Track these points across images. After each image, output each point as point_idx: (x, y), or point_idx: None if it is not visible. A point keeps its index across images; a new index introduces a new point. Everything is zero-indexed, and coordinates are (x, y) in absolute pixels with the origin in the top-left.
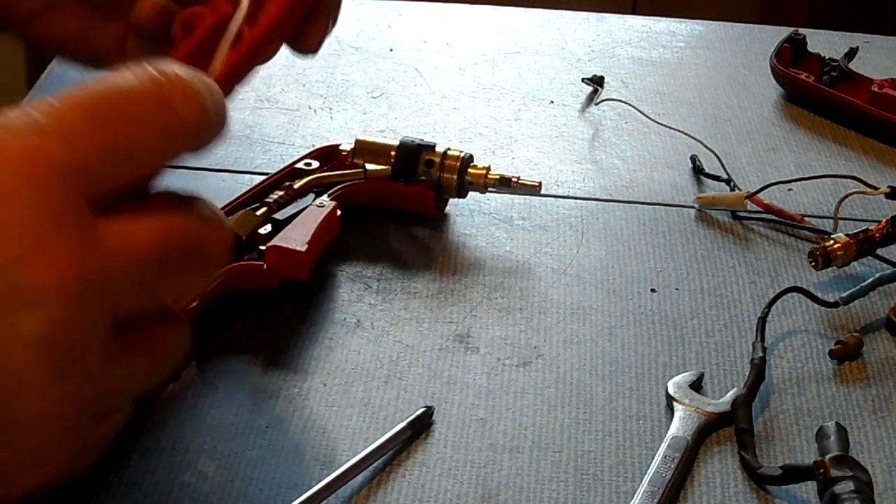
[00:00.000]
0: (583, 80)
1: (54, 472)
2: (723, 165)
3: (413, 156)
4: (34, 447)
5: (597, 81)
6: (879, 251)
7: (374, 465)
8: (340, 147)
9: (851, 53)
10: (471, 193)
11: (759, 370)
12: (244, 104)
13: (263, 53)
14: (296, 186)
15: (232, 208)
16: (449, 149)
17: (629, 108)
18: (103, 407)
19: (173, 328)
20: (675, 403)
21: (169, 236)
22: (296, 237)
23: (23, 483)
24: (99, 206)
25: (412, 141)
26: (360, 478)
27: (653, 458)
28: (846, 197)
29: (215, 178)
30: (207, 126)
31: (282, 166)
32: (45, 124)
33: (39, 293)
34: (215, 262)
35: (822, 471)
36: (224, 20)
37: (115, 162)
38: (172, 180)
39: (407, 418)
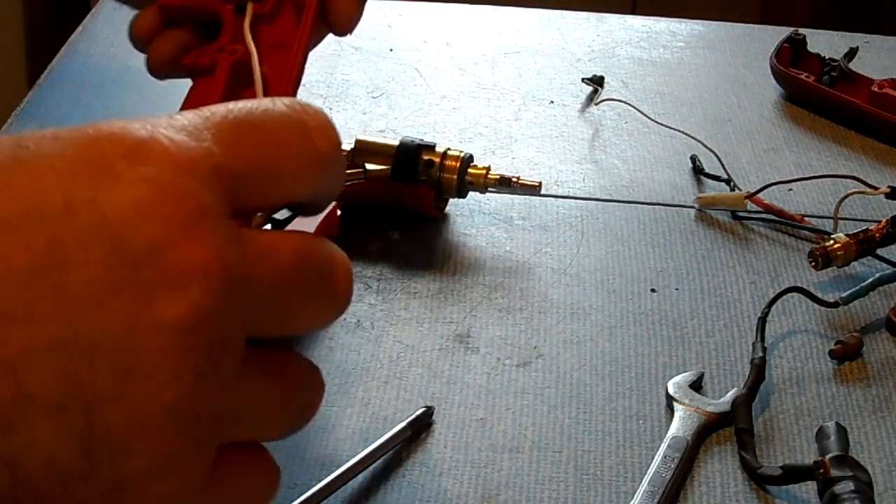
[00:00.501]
0: (583, 80)
1: (177, 487)
2: (723, 165)
3: (413, 156)
4: (158, 446)
5: (597, 81)
6: (879, 251)
7: (374, 465)
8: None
9: (851, 53)
10: (471, 193)
11: (759, 370)
12: None
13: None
14: None
15: None
16: (449, 149)
17: (629, 108)
18: (227, 435)
19: (307, 368)
20: (675, 403)
21: (305, 255)
22: None
23: (146, 494)
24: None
25: (412, 141)
26: (360, 478)
27: (653, 458)
28: (846, 197)
29: None
30: (337, 161)
31: None
32: (198, 126)
33: (185, 276)
34: (343, 293)
35: (822, 471)
36: (239, 59)
37: (260, 175)
38: None
39: (407, 418)
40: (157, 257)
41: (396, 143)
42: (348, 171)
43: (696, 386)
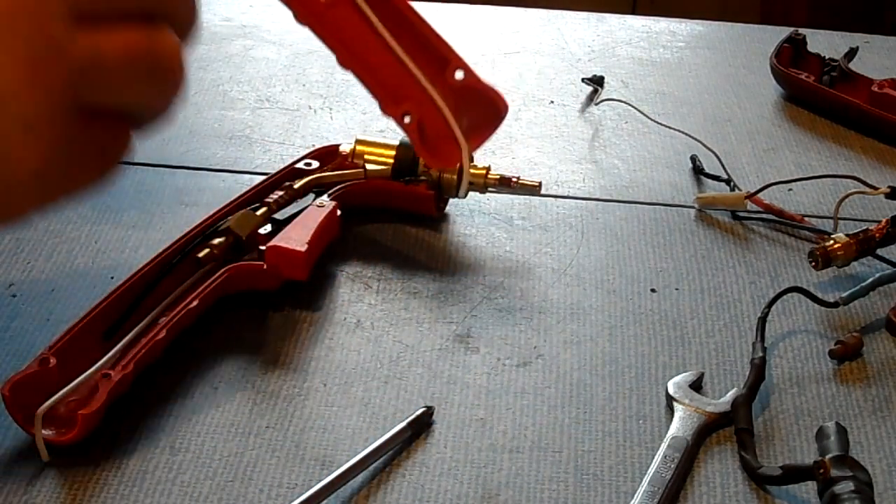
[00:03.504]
0: (583, 80)
1: (50, 145)
2: (723, 165)
3: (413, 156)
4: (19, 113)
5: (597, 81)
6: (879, 251)
7: (374, 465)
8: (340, 147)
9: (851, 53)
10: (471, 193)
11: (759, 370)
12: (244, 104)
13: None
14: (296, 186)
15: (232, 208)
16: None
17: (629, 108)
18: (84, 94)
19: (160, 36)
20: (675, 403)
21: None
22: (296, 237)
23: (25, 154)
24: None
25: None
26: (360, 478)
27: (653, 458)
28: (846, 197)
29: (215, 177)
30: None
31: (282, 166)
32: None
33: None
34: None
35: (822, 471)
36: None
37: None
38: (175, 181)
39: (407, 418)
40: None
41: (396, 143)
42: (348, 172)
43: (696, 386)
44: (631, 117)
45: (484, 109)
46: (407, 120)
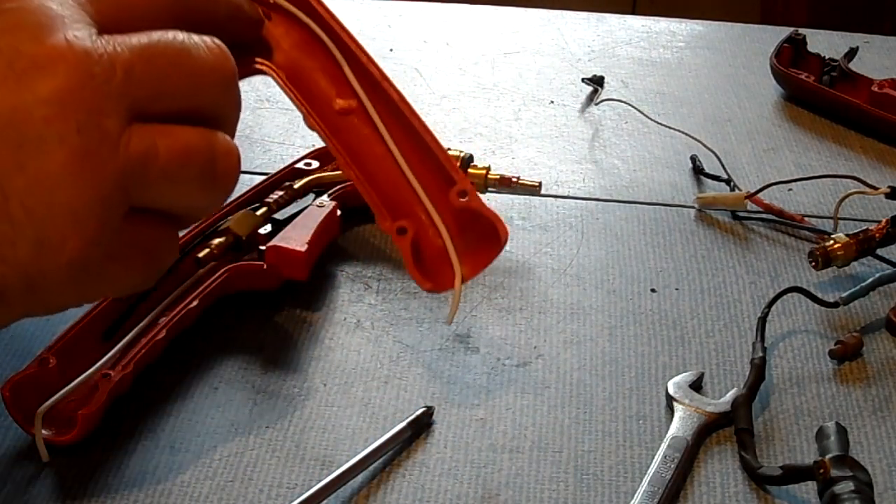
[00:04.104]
0: (583, 80)
1: (93, 236)
2: (723, 165)
3: None
4: (66, 201)
5: (597, 81)
6: (879, 251)
7: (374, 465)
8: None
9: (851, 53)
10: None
11: (759, 370)
12: (244, 104)
13: None
14: (296, 186)
15: (232, 208)
16: (449, 149)
17: (629, 108)
18: (134, 193)
19: (214, 138)
20: (675, 403)
21: (168, 42)
22: (296, 237)
23: (67, 244)
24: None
25: None
26: (360, 478)
27: (653, 458)
28: (846, 197)
29: None
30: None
31: (282, 166)
32: None
33: (48, 60)
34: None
35: (822, 471)
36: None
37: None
38: None
39: (407, 418)
40: (25, 53)
41: None
42: None
43: (696, 386)
44: (631, 117)
45: (483, 235)
46: (402, 236)
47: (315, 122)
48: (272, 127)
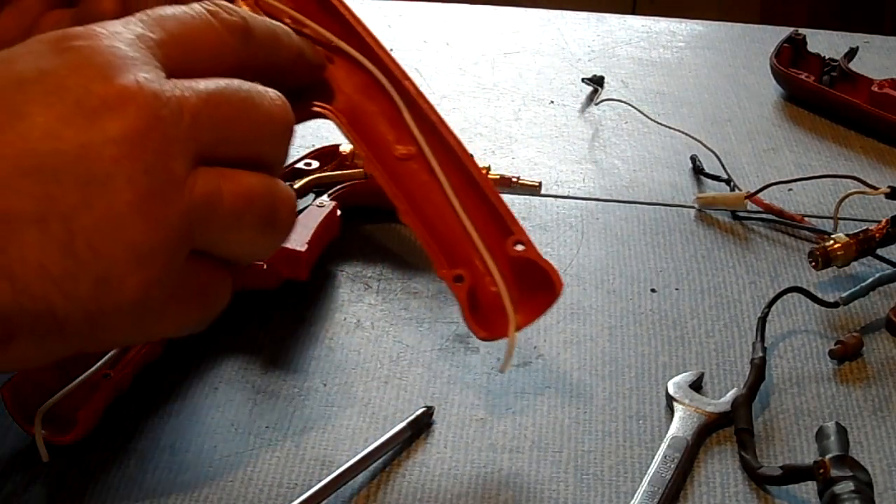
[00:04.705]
0: (583, 80)
1: (155, 276)
2: (723, 165)
3: None
4: (130, 240)
5: (597, 81)
6: (879, 251)
7: (374, 465)
8: (340, 147)
9: (851, 53)
10: None
11: (759, 370)
12: None
13: None
14: (296, 186)
15: None
16: None
17: (629, 108)
18: (197, 236)
19: (275, 186)
20: (675, 403)
21: (234, 91)
22: (296, 237)
23: (128, 283)
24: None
25: None
26: (360, 478)
27: (653, 458)
28: (846, 197)
29: None
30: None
31: None
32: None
33: (119, 100)
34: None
35: (822, 471)
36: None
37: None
38: None
39: (407, 418)
40: (95, 92)
41: None
42: (348, 172)
43: (696, 386)
44: (631, 117)
45: (538, 284)
46: (459, 284)
47: (375, 166)
48: None
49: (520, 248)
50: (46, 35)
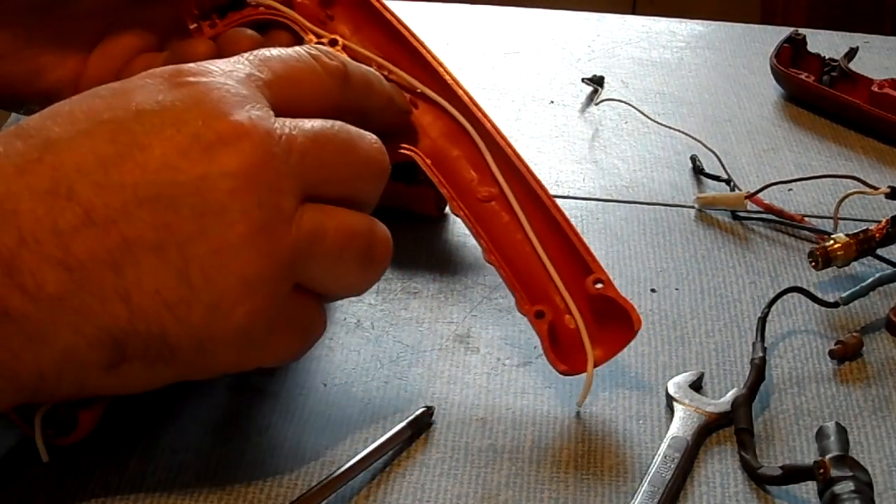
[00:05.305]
0: (583, 80)
1: (262, 305)
2: (723, 165)
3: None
4: (241, 270)
5: (597, 81)
6: (879, 251)
7: (374, 465)
8: None
9: (851, 53)
10: None
11: (759, 370)
12: None
13: None
14: None
15: None
16: None
17: (629, 108)
18: (300, 269)
19: (373, 227)
20: (675, 403)
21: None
22: None
23: (238, 311)
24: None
25: None
26: (360, 478)
27: (653, 458)
28: (846, 197)
29: None
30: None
31: None
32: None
33: (235, 135)
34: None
35: (822, 471)
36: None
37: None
38: None
39: (407, 418)
40: (212, 127)
41: None
42: None
43: (696, 386)
44: (631, 117)
45: (617, 322)
46: (540, 320)
47: (459, 207)
48: None
49: (599, 286)
50: (160, 70)
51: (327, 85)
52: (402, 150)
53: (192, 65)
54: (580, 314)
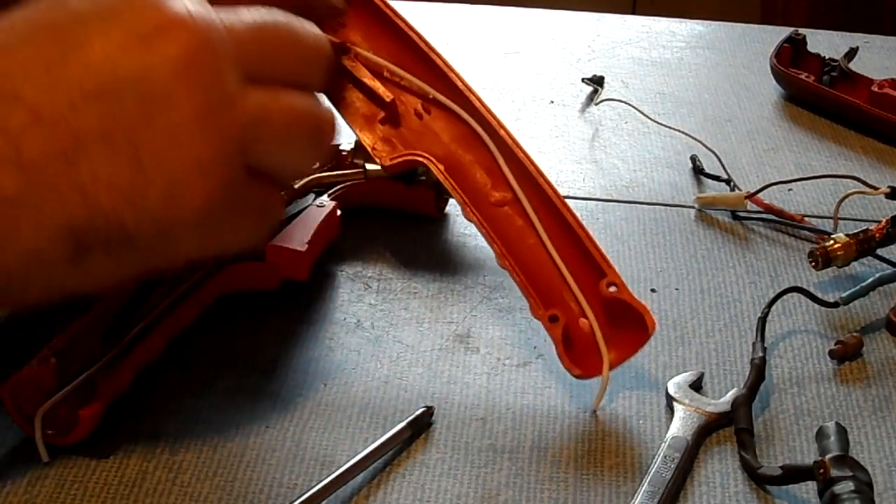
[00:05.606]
0: (583, 80)
1: (216, 185)
2: (723, 165)
3: None
4: (192, 152)
5: (597, 81)
6: (879, 251)
7: (374, 465)
8: (340, 147)
9: (851, 53)
10: None
11: (759, 370)
12: None
13: None
14: (296, 186)
15: None
16: None
17: (629, 108)
18: (250, 149)
19: (313, 104)
20: (675, 403)
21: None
22: (296, 237)
23: (193, 192)
24: None
25: None
26: (360, 478)
27: (653, 458)
28: (846, 197)
29: None
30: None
31: None
32: None
33: (172, 24)
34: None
35: (822, 471)
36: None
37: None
38: None
39: (407, 418)
40: (149, 19)
41: None
42: (348, 172)
43: (696, 386)
44: (631, 117)
45: (631, 325)
46: (554, 323)
47: (472, 212)
48: None
49: (613, 289)
50: None
51: None
52: (416, 157)
53: None
54: (594, 317)
